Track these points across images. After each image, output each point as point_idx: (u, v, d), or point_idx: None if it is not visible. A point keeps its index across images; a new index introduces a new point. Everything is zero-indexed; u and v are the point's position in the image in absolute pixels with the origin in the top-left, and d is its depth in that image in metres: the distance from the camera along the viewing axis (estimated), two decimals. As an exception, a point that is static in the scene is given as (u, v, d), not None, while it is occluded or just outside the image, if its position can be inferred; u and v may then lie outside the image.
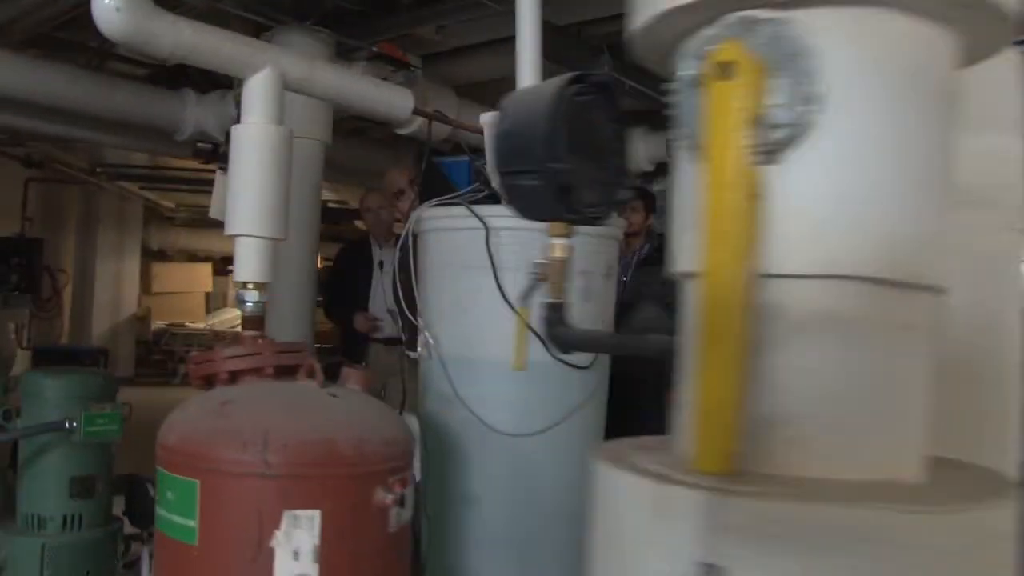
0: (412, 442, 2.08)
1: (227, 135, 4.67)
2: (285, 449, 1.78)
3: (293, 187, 4.33)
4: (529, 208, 1.20)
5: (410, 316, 2.65)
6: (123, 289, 10.86)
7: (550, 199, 1.08)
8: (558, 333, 1.36)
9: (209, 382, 2.10)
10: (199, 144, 6.11)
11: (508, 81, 5.97)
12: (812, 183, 0.87)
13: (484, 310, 2.51)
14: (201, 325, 12.74)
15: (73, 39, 5.41)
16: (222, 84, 5.52)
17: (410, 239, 2.66)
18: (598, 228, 2.58)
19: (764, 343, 0.86)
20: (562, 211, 1.15)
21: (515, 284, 2.45)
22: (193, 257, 13.45)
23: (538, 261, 1.42)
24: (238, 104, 5.10)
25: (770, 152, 0.84)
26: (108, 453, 2.88)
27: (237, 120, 2.19)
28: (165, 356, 11.84)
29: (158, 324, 12.37)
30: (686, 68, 0.90)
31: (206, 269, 13.67)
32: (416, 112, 2.95)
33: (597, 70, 5.10)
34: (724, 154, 0.82)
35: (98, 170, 9.21)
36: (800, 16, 0.86)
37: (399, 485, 1.94)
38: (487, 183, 2.74)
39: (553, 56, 2.80)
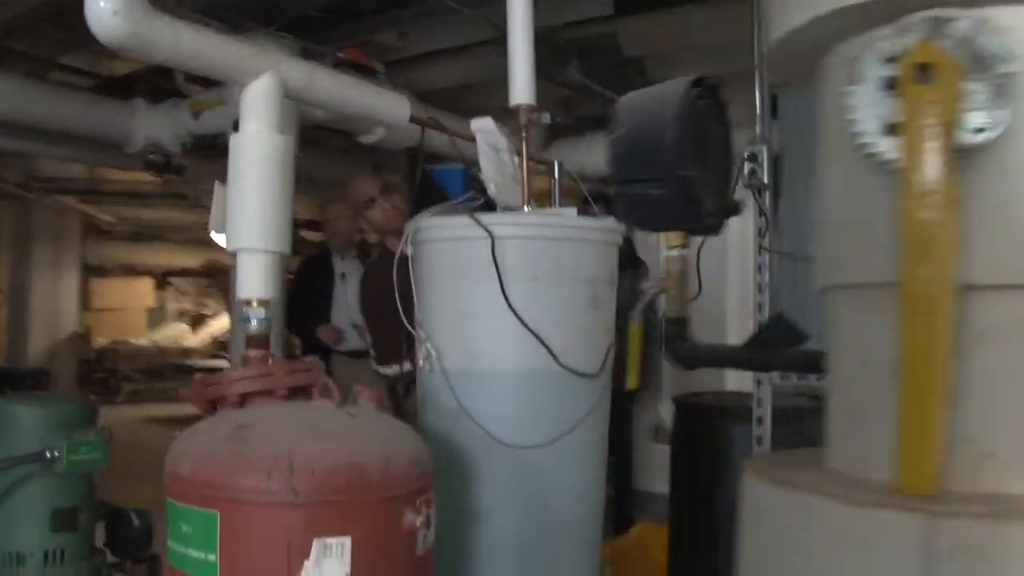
0: (433, 459, 2.01)
1: (192, 143, 4.50)
2: (312, 475, 1.70)
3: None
4: (652, 218, 1.15)
5: (410, 327, 2.57)
6: (62, 306, 10.47)
7: (677, 208, 1.03)
8: (681, 348, 1.31)
9: (214, 405, 2.00)
10: (151, 156, 5.94)
11: (471, 88, 5.95)
12: (1014, 188, 0.84)
13: (488, 321, 2.45)
14: (144, 341, 12.38)
15: (15, 48, 5.18)
16: (174, 93, 5.35)
17: (408, 249, 2.59)
18: (603, 233, 2.55)
19: (962, 357, 0.82)
20: (689, 220, 1.09)
21: (520, 294, 2.40)
22: (133, 272, 13.06)
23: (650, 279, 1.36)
24: (195, 114, 4.99)
25: (969, 157, 0.81)
26: (90, 482, 2.73)
27: (235, 129, 2.10)
28: (107, 374, 11.46)
29: (100, 341, 11.96)
30: (868, 71, 0.86)
31: (147, 284, 13.29)
32: (413, 120, 2.87)
33: (569, 73, 5.08)
34: (922, 161, 0.78)
35: (35, 184, 8.87)
36: (994, 14, 0.82)
37: (426, 506, 1.88)
38: (483, 191, 2.68)
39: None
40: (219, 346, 12.56)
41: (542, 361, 2.46)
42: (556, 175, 2.90)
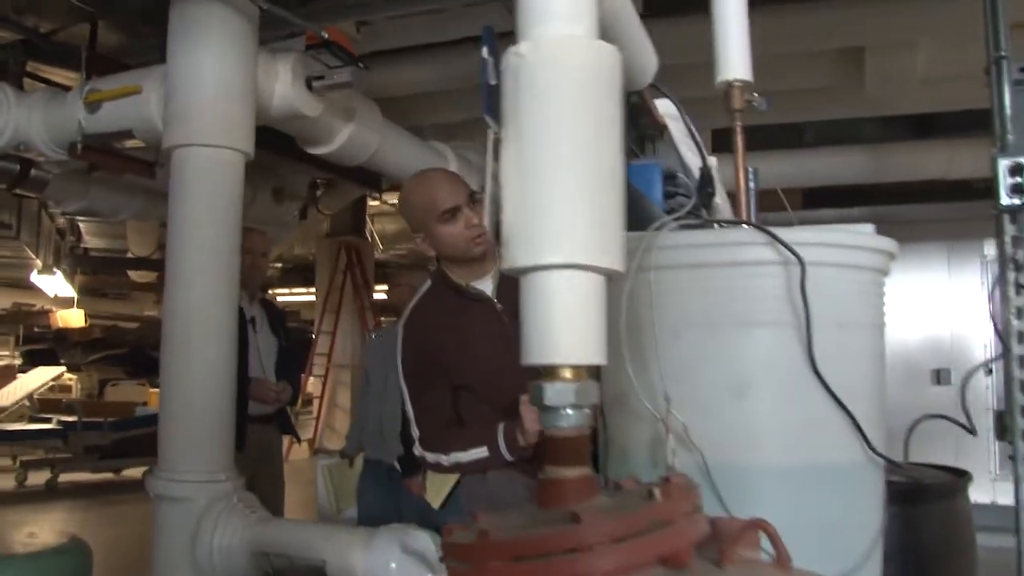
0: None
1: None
2: None
3: (203, 213, 3.15)
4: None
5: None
6: None
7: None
8: None
9: None
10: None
11: (435, 95, 4.84)
12: None
13: (772, 392, 1.60)
14: None
15: None
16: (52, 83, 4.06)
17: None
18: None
19: None
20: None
21: (823, 350, 1.57)
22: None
23: None
24: (91, 106, 3.71)
25: None
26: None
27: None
28: None
29: None
30: None
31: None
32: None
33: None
34: None
35: None
36: None
37: None
38: (700, 192, 1.85)
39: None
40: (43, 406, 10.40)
41: (843, 450, 1.64)
42: (751, 182, 2.10)
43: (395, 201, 11.36)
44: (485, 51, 1.17)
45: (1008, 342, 2.07)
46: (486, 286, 2.39)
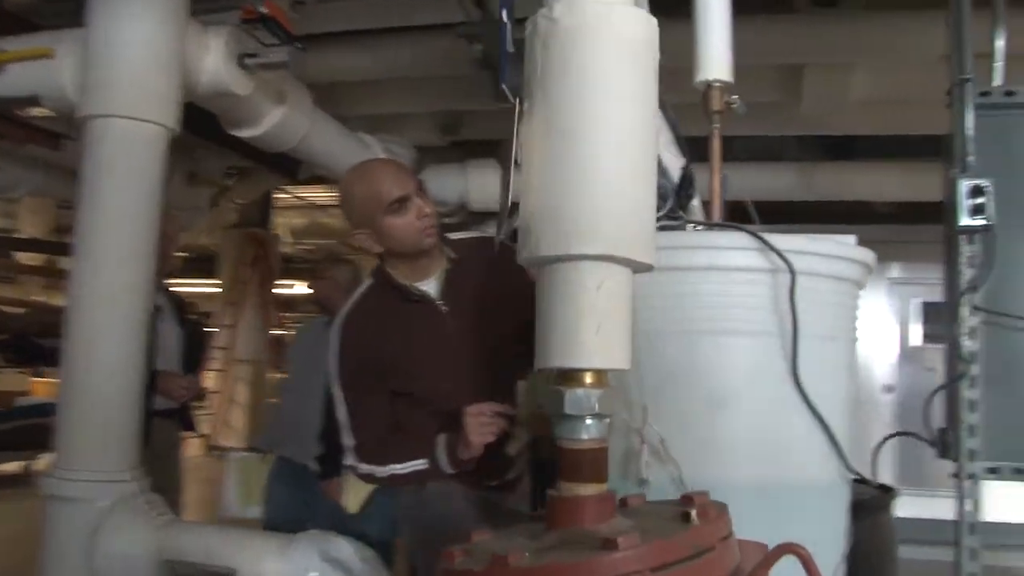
0: None
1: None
2: None
3: (120, 191, 2.90)
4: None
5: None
6: None
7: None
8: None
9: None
10: None
11: (364, 85, 4.66)
12: None
13: (754, 405, 1.53)
14: None
15: None
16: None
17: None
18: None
19: None
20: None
21: (807, 363, 1.51)
22: None
23: None
24: None
25: None
26: None
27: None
28: None
29: None
30: None
31: None
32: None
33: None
34: None
35: None
36: None
37: None
38: (688, 194, 1.77)
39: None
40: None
41: (820, 468, 1.58)
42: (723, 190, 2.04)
43: (304, 194, 11.08)
44: (504, 14, 1.06)
45: (960, 362, 2.08)
46: (430, 287, 2.25)
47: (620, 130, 0.89)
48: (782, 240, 1.50)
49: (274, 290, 11.20)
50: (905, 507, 2.73)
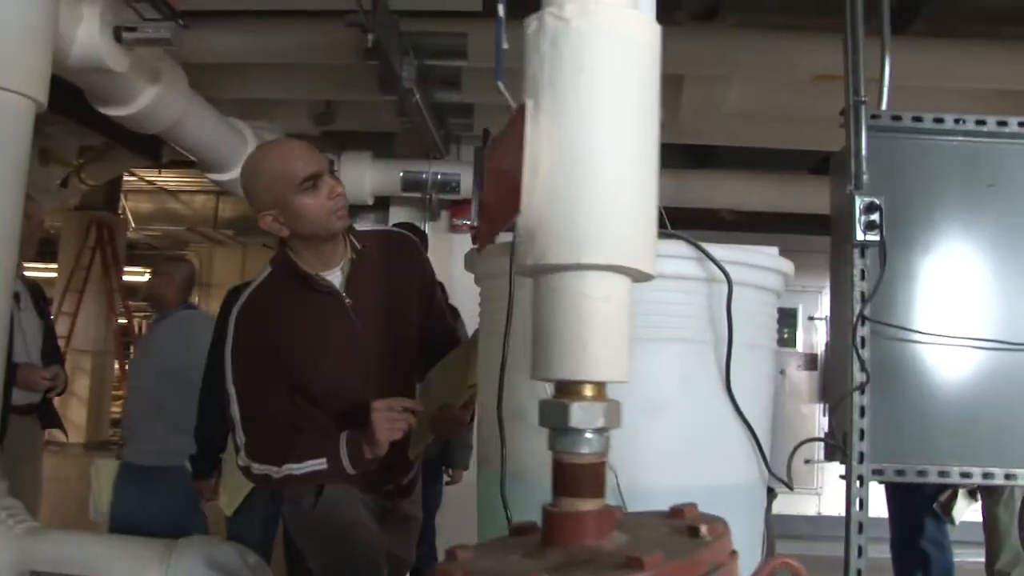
0: None
1: None
2: None
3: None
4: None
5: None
6: None
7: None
8: None
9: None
10: None
11: (236, 68, 4.50)
12: None
13: (686, 413, 1.57)
14: None
15: None
16: None
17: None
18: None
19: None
20: None
21: (737, 370, 1.56)
22: None
23: None
24: None
25: None
26: None
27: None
28: None
29: None
30: None
31: None
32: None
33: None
34: None
35: None
36: None
37: None
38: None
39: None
40: None
41: (745, 471, 1.64)
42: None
43: (154, 179, 10.47)
44: (501, 9, 1.03)
45: (851, 369, 2.20)
46: (335, 278, 2.16)
47: (632, 138, 0.88)
48: (718, 250, 1.53)
49: (119, 276, 10.59)
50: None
